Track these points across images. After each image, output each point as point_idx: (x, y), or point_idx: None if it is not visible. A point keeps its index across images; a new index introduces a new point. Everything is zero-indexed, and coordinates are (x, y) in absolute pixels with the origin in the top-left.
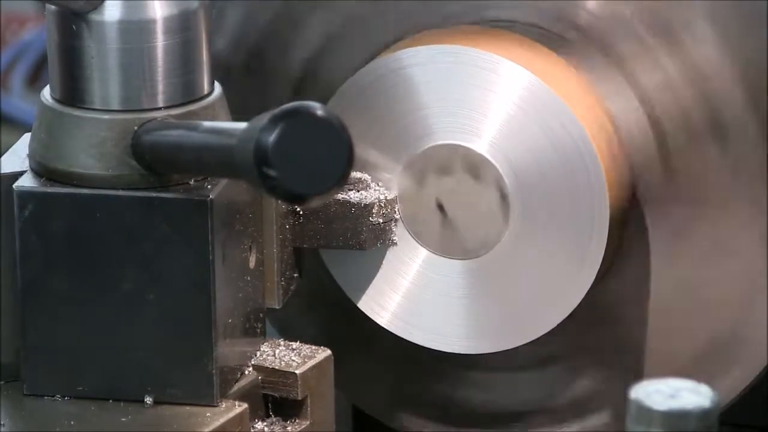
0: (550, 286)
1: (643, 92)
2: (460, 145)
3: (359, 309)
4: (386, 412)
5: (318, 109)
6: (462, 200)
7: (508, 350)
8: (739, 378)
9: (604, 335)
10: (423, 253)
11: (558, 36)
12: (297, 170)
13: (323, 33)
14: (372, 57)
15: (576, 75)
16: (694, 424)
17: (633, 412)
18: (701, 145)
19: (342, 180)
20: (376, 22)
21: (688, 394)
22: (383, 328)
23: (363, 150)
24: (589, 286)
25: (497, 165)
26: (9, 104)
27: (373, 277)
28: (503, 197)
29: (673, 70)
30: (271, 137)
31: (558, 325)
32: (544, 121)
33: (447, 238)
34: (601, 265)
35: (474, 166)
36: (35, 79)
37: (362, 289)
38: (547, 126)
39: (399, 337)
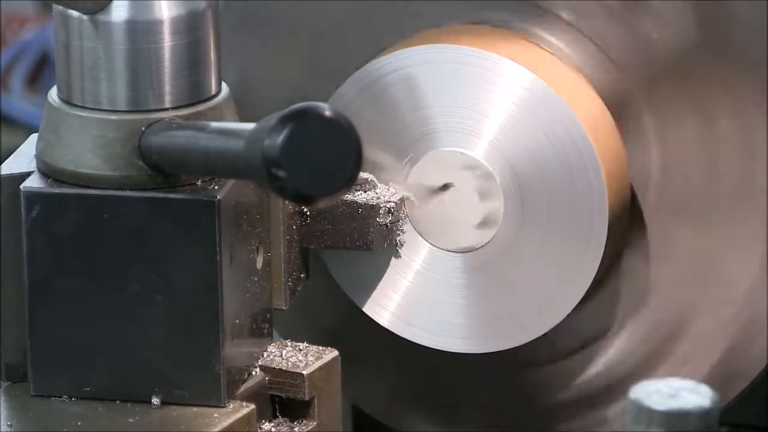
0: (550, 285)
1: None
2: (460, 144)
3: (359, 308)
4: (386, 412)
5: (326, 109)
6: (463, 199)
7: (508, 350)
8: (740, 378)
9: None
10: (424, 253)
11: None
12: (305, 171)
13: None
14: (372, 57)
15: (576, 74)
16: (694, 424)
17: (633, 412)
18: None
19: (350, 181)
20: (376, 21)
21: (688, 394)
22: (383, 327)
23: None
24: (588, 285)
25: (497, 165)
26: (9, 104)
27: (374, 277)
28: (503, 196)
29: None
30: (280, 138)
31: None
32: (544, 121)
33: (449, 233)
34: (600, 265)
35: (474, 165)
36: (35, 79)
37: (363, 288)
38: (547, 126)
39: (399, 336)
